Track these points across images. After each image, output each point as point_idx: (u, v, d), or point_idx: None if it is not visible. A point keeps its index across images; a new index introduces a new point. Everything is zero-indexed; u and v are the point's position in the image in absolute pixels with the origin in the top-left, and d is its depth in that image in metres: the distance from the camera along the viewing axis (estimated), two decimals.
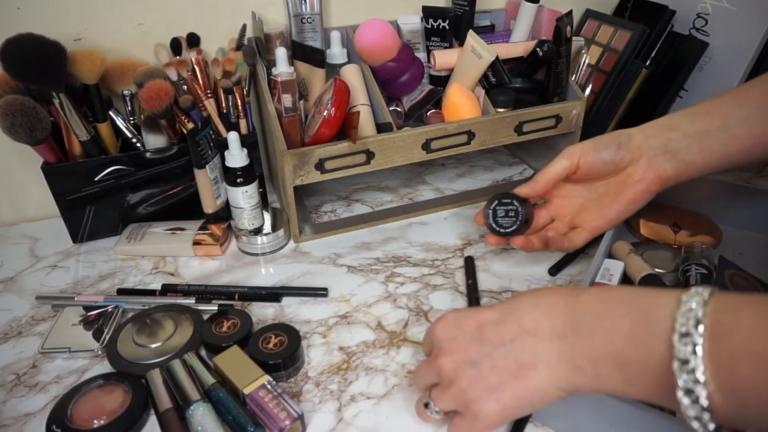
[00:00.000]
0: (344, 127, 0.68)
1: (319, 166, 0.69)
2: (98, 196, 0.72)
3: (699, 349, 0.30)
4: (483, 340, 0.41)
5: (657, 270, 0.62)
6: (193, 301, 0.63)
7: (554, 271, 0.67)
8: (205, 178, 0.72)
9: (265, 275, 0.69)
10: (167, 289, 0.66)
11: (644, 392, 0.35)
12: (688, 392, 0.31)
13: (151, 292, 0.65)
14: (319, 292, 0.65)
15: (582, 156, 0.57)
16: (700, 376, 0.30)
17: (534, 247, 0.61)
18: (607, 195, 0.59)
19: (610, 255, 0.65)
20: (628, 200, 0.58)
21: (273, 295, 0.65)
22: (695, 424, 0.31)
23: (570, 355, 0.37)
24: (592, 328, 0.37)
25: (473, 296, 0.63)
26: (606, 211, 0.59)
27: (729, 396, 0.30)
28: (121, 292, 0.66)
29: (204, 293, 0.65)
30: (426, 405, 0.46)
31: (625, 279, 0.62)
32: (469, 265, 0.68)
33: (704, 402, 0.30)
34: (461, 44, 0.78)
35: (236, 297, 0.64)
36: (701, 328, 0.31)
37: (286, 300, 0.64)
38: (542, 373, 0.39)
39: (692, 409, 0.31)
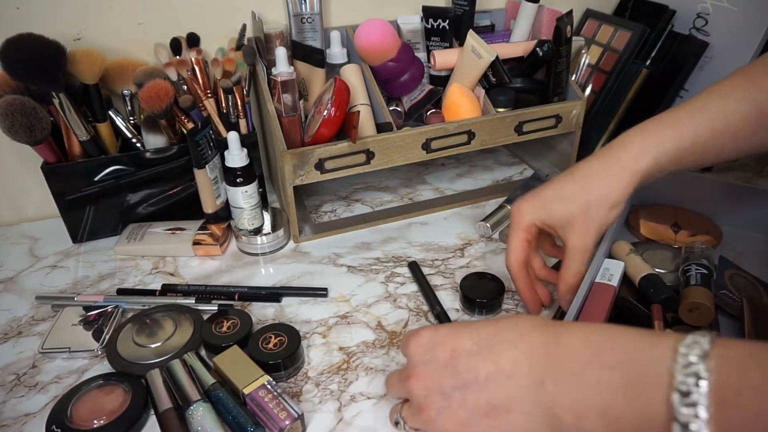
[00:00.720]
0: (344, 127, 0.68)
1: (319, 166, 0.69)
2: (98, 196, 0.72)
3: (703, 413, 0.28)
4: (456, 372, 0.39)
5: (657, 270, 0.62)
6: (193, 301, 0.63)
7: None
8: (205, 178, 0.72)
9: (265, 275, 0.69)
10: (167, 289, 0.66)
11: None
12: None
13: (151, 293, 0.65)
14: (319, 293, 0.65)
15: (608, 226, 0.54)
16: None
17: (546, 299, 0.61)
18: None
19: (610, 255, 0.65)
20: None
21: (273, 295, 0.65)
22: None
23: (550, 404, 0.35)
24: (577, 379, 0.34)
25: (433, 299, 0.63)
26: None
27: None
28: (121, 292, 0.66)
29: (204, 293, 0.65)
30: (396, 423, 0.45)
31: (626, 279, 0.62)
32: (415, 270, 0.68)
33: None
34: (461, 44, 0.78)
35: (236, 297, 0.64)
36: (703, 385, 0.28)
37: (286, 300, 0.64)
38: (516, 417, 0.36)
39: None
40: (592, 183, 0.52)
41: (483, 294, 0.61)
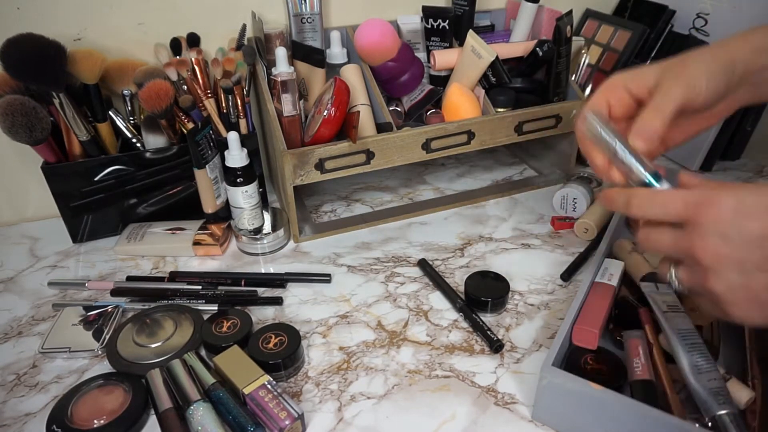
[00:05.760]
0: (344, 127, 0.68)
1: (319, 166, 0.69)
2: (98, 196, 0.72)
3: None
4: (767, 255, 0.34)
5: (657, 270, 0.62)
6: (200, 288, 0.65)
7: (566, 276, 0.66)
8: (205, 178, 0.72)
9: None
10: (175, 275, 0.67)
11: None
12: None
13: (159, 279, 0.67)
14: (323, 278, 0.66)
15: (698, 94, 0.45)
16: None
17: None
18: (684, 122, 0.49)
19: (611, 253, 0.66)
20: (695, 130, 0.50)
21: (277, 281, 0.66)
22: None
23: None
24: None
25: (452, 295, 0.63)
26: (673, 136, 0.49)
27: None
28: (131, 279, 0.68)
29: (210, 280, 0.66)
30: (670, 281, 0.40)
31: (626, 278, 0.62)
32: (426, 267, 0.68)
33: None
34: (461, 44, 0.78)
35: (242, 283, 0.66)
36: None
37: (286, 300, 0.65)
38: None
39: None
40: (689, 58, 0.47)
41: (489, 292, 0.61)
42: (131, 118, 0.76)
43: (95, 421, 0.48)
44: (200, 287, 0.65)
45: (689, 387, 0.45)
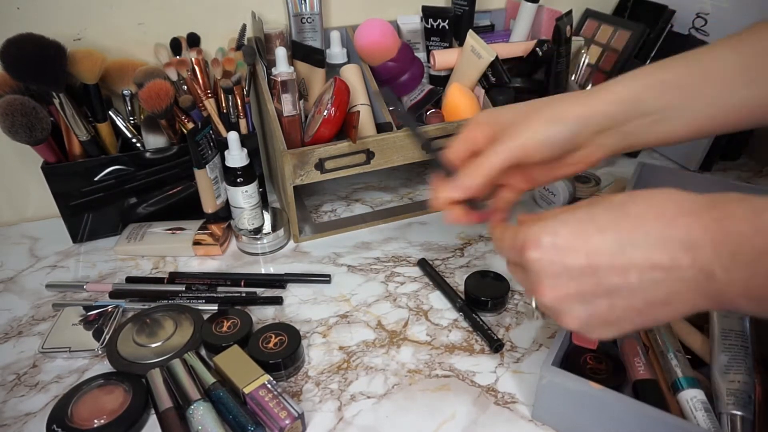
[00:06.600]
0: (344, 127, 0.68)
1: (319, 166, 0.69)
2: (98, 196, 0.72)
3: None
4: (598, 280, 0.34)
5: None
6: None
7: None
8: (205, 178, 0.72)
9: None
10: (175, 276, 0.67)
11: None
12: None
13: (159, 280, 0.67)
14: (323, 279, 0.66)
15: (530, 153, 0.45)
16: None
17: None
18: (537, 169, 0.50)
19: None
20: (558, 176, 0.51)
21: (277, 281, 0.66)
22: None
23: (720, 292, 0.32)
24: (753, 268, 0.30)
25: (452, 294, 0.63)
26: (534, 179, 0.51)
27: None
28: (130, 280, 0.67)
29: (210, 283, 0.66)
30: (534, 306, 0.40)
31: None
32: (426, 267, 0.68)
33: None
34: (461, 44, 0.78)
35: (242, 283, 0.66)
36: None
37: (286, 299, 0.65)
38: (677, 308, 0.34)
39: None
40: (551, 100, 0.48)
41: (489, 292, 0.61)
42: (131, 118, 0.76)
43: (95, 421, 0.48)
44: (199, 289, 0.65)
45: (712, 382, 0.47)
